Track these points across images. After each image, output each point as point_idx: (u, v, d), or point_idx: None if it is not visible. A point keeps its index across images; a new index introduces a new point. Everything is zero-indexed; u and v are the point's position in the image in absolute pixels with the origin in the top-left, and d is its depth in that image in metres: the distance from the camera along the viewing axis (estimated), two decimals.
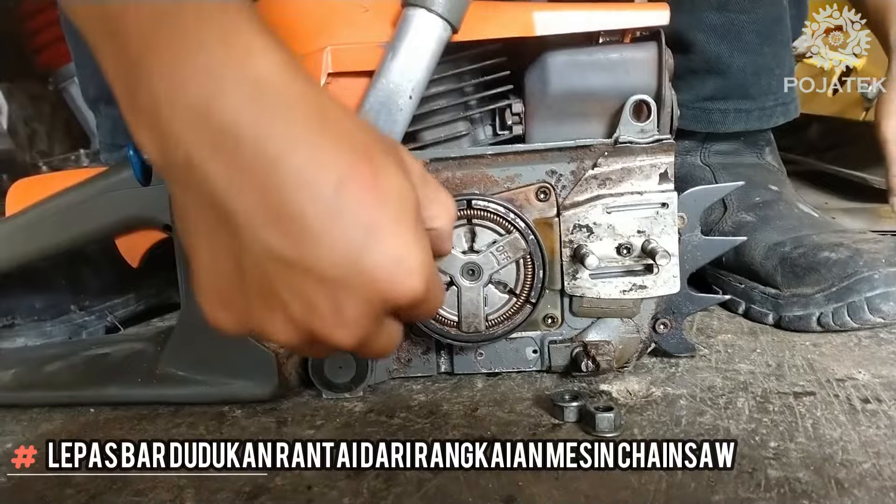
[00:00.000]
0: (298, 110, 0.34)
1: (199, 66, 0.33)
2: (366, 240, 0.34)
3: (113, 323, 0.81)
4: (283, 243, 0.34)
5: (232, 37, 0.34)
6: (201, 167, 0.34)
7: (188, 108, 0.33)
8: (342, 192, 0.34)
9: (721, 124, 0.79)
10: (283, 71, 0.34)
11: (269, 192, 0.33)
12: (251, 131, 0.33)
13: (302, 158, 0.33)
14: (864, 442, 0.45)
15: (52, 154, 2.54)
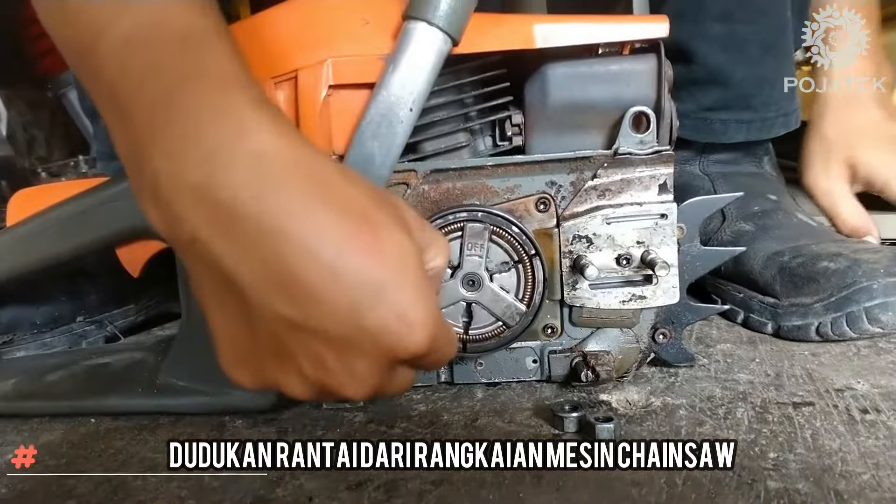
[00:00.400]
0: (295, 181, 0.35)
1: (197, 146, 0.35)
2: (369, 299, 0.35)
3: (113, 332, 0.81)
4: (290, 308, 0.35)
5: (227, 115, 0.35)
6: (206, 244, 0.35)
7: (189, 188, 0.35)
8: (343, 256, 0.35)
9: (722, 134, 0.79)
10: (279, 143, 0.36)
11: (272, 263, 0.35)
12: (251, 208, 0.34)
13: (302, 229, 0.35)
14: (863, 453, 0.46)
15: (51, 160, 2.54)
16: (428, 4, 0.48)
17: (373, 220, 0.36)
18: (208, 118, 0.35)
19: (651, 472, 0.45)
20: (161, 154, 0.36)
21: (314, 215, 0.35)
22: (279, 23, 0.53)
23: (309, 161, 0.36)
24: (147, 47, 0.37)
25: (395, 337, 0.36)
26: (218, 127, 0.35)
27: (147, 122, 0.36)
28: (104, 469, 0.51)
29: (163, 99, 0.36)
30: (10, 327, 0.76)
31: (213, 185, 0.34)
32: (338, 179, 0.37)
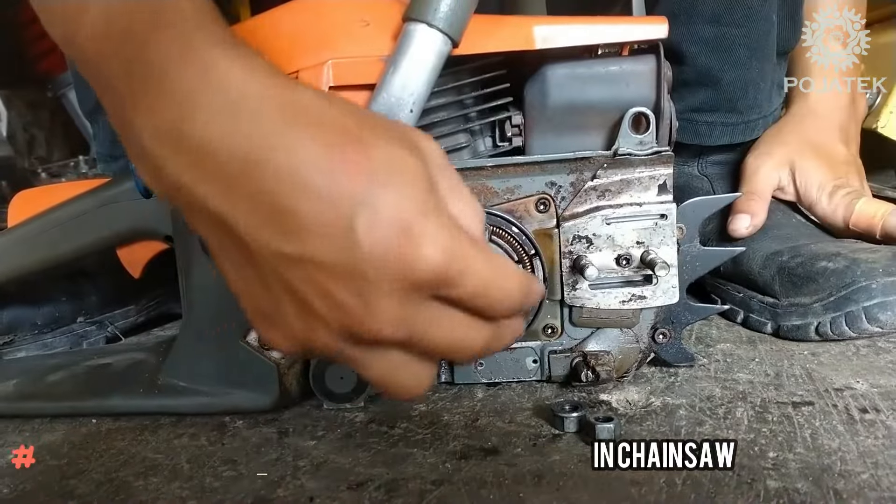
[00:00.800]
0: (266, 109, 0.34)
1: (169, 95, 0.34)
2: (364, 219, 0.33)
3: (114, 333, 0.81)
4: (286, 243, 0.34)
5: (191, 58, 0.35)
6: (192, 190, 0.35)
7: (165, 137, 0.34)
8: (328, 174, 0.33)
9: (707, 137, 0.80)
10: (245, 76, 0.34)
11: (258, 197, 0.33)
12: (224, 143, 0.33)
13: (281, 157, 0.33)
14: (862, 452, 0.46)
15: (51, 160, 2.55)
16: (428, 6, 0.48)
17: (362, 139, 0.34)
18: (175, 66, 0.34)
19: (651, 472, 0.45)
20: (139, 111, 0.35)
21: (291, 139, 0.33)
22: (279, 24, 0.53)
23: (280, 88, 0.35)
24: (118, 16, 0.36)
25: (400, 255, 0.33)
26: (184, 72, 0.34)
27: (126, 85, 0.36)
28: (105, 469, 0.51)
29: (134, 57, 0.35)
30: (11, 328, 0.76)
31: (186, 129, 0.34)
32: (319, 103, 0.35)
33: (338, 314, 0.35)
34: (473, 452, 0.49)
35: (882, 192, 1.16)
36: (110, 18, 0.37)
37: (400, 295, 0.34)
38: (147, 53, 0.35)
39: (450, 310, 0.37)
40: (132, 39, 0.36)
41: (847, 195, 0.74)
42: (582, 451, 0.48)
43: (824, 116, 0.81)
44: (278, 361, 0.56)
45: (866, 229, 0.73)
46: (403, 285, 0.34)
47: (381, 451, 0.50)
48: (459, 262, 0.34)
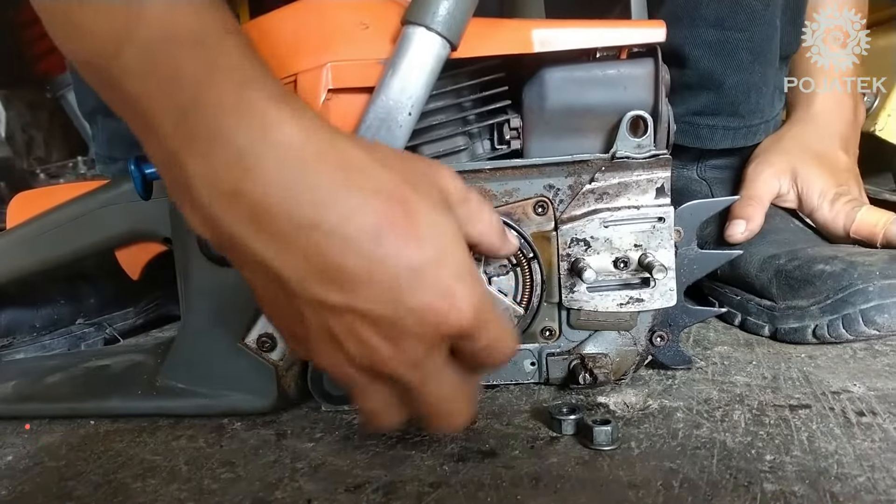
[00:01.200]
0: (321, 171, 0.36)
1: (224, 148, 0.36)
2: (410, 281, 0.36)
3: (112, 334, 0.81)
4: (333, 295, 0.37)
5: (249, 113, 0.36)
6: (246, 243, 0.37)
7: (221, 193, 0.36)
8: (379, 241, 0.36)
9: (709, 140, 0.80)
10: (302, 135, 0.36)
11: (311, 255, 0.36)
12: (283, 204, 0.35)
13: (335, 218, 0.36)
14: (858, 455, 0.46)
15: (50, 161, 2.55)
16: (427, 9, 0.48)
17: (406, 201, 0.37)
18: (232, 119, 0.36)
19: (648, 475, 0.45)
20: (192, 160, 0.36)
21: (345, 204, 0.36)
22: (279, 27, 0.53)
23: (335, 149, 0.37)
24: (164, 56, 0.37)
25: (439, 314, 0.37)
26: (242, 126, 0.36)
27: (174, 129, 0.37)
28: (104, 471, 0.51)
29: (186, 105, 0.36)
30: (10, 330, 0.76)
31: (245, 185, 0.35)
32: (367, 163, 0.37)
33: (367, 354, 0.39)
34: (471, 455, 0.49)
35: (880, 195, 1.16)
36: (156, 57, 0.37)
37: (429, 345, 0.39)
38: (201, 101, 0.36)
39: (454, 364, 0.42)
40: (182, 84, 0.36)
41: (848, 203, 0.75)
42: (579, 454, 0.48)
43: (826, 124, 0.82)
44: (276, 363, 0.56)
45: (867, 238, 0.73)
46: (434, 336, 0.38)
47: (378, 454, 0.50)
48: (482, 318, 0.39)
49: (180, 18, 0.37)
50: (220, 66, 0.37)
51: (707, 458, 0.47)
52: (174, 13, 0.37)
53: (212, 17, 0.38)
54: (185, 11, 0.37)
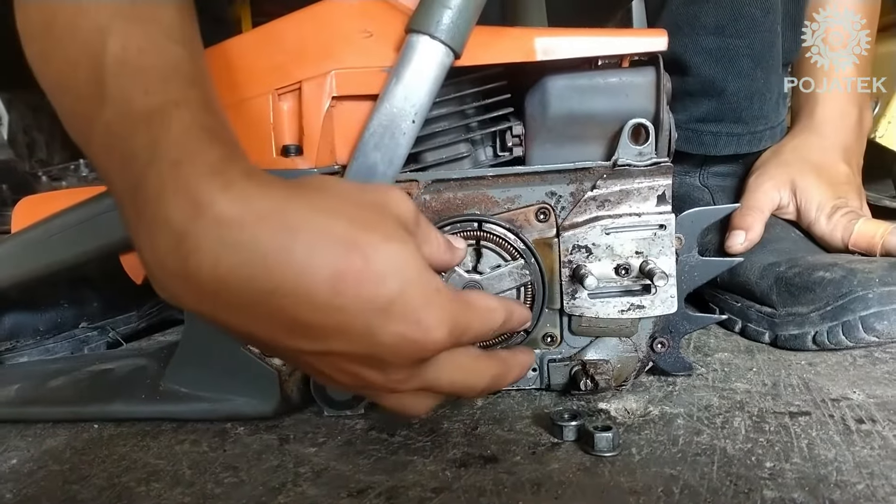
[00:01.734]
0: (263, 238, 0.35)
1: (166, 233, 0.36)
2: (379, 320, 0.37)
3: (115, 338, 0.81)
4: (308, 345, 0.38)
5: (181, 195, 0.36)
6: (212, 317, 0.38)
7: (173, 275, 0.37)
8: (340, 291, 0.36)
9: (712, 147, 0.80)
10: (233, 206, 0.36)
11: (277, 317, 0.37)
12: (233, 279, 0.35)
13: (289, 281, 0.35)
14: (858, 462, 0.46)
15: (52, 163, 2.54)
16: (430, 18, 0.48)
17: (358, 244, 0.36)
18: (170, 201, 0.36)
19: (649, 481, 0.45)
20: (143, 245, 0.37)
21: (296, 264, 0.35)
22: (283, 35, 0.53)
23: (271, 211, 0.36)
24: (120, 137, 0.38)
25: (414, 343, 0.38)
26: (178, 209, 0.36)
27: (130, 209, 0.38)
28: (107, 475, 0.51)
29: (134, 185, 0.37)
30: (13, 333, 0.76)
31: (192, 268, 0.35)
32: (308, 216, 0.36)
33: (359, 382, 0.41)
34: (473, 460, 0.50)
35: (880, 201, 1.16)
36: (113, 138, 0.38)
37: (414, 365, 0.40)
38: (145, 183, 0.37)
39: (454, 353, 0.42)
40: (133, 164, 0.37)
41: (846, 215, 0.75)
42: (581, 460, 0.49)
43: (827, 135, 0.82)
44: (279, 368, 0.57)
45: (866, 249, 0.73)
46: (417, 359, 0.39)
47: (381, 459, 0.51)
48: (462, 327, 0.40)
49: (133, 99, 0.38)
50: (161, 144, 0.37)
51: (707, 464, 0.47)
52: (128, 93, 0.38)
53: (161, 93, 0.39)
54: (137, 90, 0.38)
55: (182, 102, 0.39)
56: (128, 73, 0.38)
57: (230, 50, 0.54)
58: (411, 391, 0.42)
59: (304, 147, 0.53)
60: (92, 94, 0.39)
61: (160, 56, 0.40)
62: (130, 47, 0.39)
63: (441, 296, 0.39)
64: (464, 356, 0.43)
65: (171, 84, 0.39)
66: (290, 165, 0.52)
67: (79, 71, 0.39)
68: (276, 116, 0.53)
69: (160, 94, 0.38)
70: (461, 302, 0.41)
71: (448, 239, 0.46)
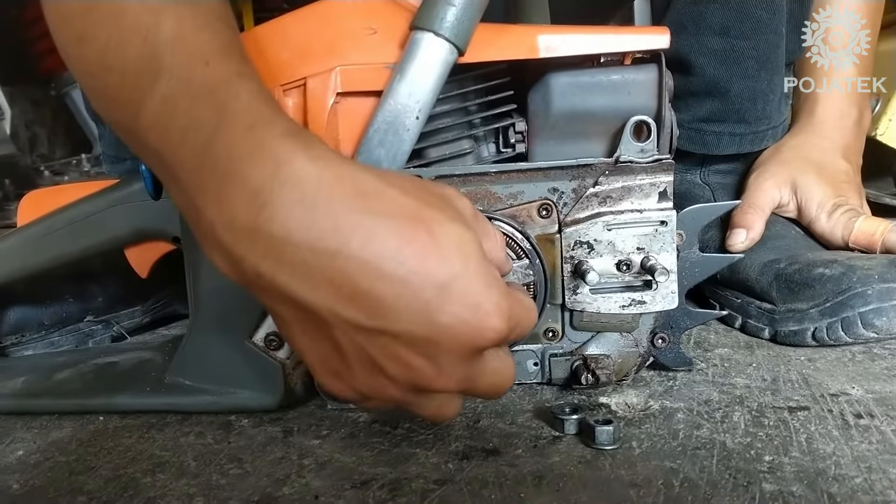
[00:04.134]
0: (337, 199, 0.36)
1: (241, 189, 0.37)
2: (439, 298, 0.36)
3: (119, 332, 0.82)
4: (366, 319, 0.37)
5: (260, 153, 0.37)
6: (272, 278, 0.37)
7: (242, 230, 0.37)
8: (403, 262, 0.36)
9: (715, 146, 0.81)
10: (314, 167, 0.37)
11: (337, 283, 0.36)
12: (302, 235, 0.36)
13: (356, 244, 0.36)
14: (856, 457, 0.47)
15: (53, 158, 2.56)
16: (435, 15, 0.49)
17: (425, 219, 0.37)
18: (245, 160, 0.37)
19: (649, 474, 0.46)
20: (211, 205, 0.38)
21: (365, 229, 0.36)
22: (288, 31, 0.53)
23: (348, 177, 0.37)
24: (180, 109, 0.38)
25: (473, 328, 0.37)
26: (254, 166, 0.37)
27: (192, 176, 0.38)
28: (113, 466, 0.52)
29: (201, 151, 0.38)
30: (19, 327, 0.77)
31: (263, 222, 0.36)
32: (381, 187, 0.37)
33: (410, 374, 0.39)
34: (475, 453, 0.50)
35: (880, 199, 1.16)
36: (173, 110, 0.39)
37: (468, 357, 0.39)
38: (214, 146, 0.37)
39: (500, 351, 0.42)
40: (198, 132, 0.38)
41: (846, 213, 0.75)
42: (582, 453, 0.49)
43: (827, 134, 0.82)
44: (283, 361, 0.57)
45: (866, 247, 0.73)
46: (472, 349, 0.39)
47: (384, 451, 0.51)
48: (515, 320, 0.39)
49: (194, 70, 0.39)
50: (231, 110, 0.38)
51: (707, 458, 0.47)
52: (188, 66, 0.39)
53: (224, 65, 0.39)
54: (197, 63, 0.39)
55: (244, 74, 0.40)
56: (186, 49, 0.39)
57: None
58: (451, 392, 0.42)
59: None
60: (145, 70, 0.39)
61: (215, 34, 0.40)
62: (186, 26, 0.39)
63: (500, 285, 0.39)
64: (505, 356, 0.43)
65: (231, 58, 0.40)
66: None
67: (128, 49, 0.39)
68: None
69: (223, 66, 0.39)
70: (514, 296, 0.40)
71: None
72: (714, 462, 0.47)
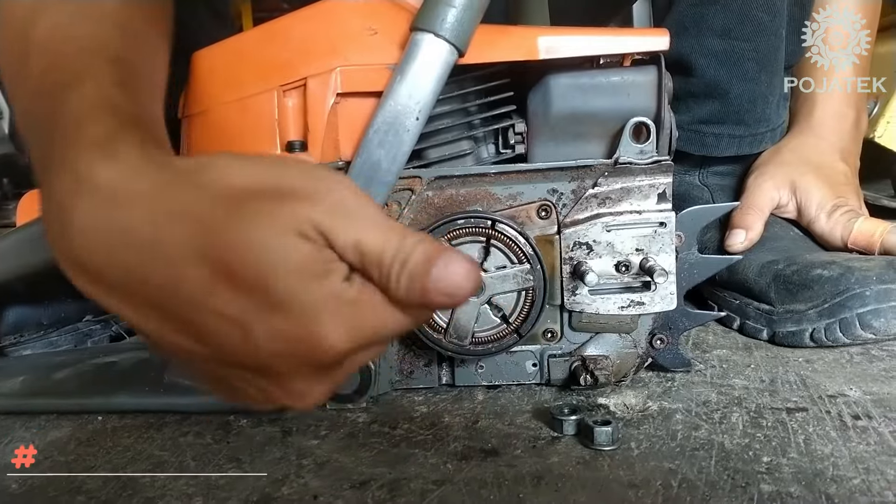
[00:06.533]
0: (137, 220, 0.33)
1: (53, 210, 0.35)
2: (256, 336, 0.32)
3: (118, 331, 0.82)
4: (196, 345, 0.34)
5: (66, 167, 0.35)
6: (94, 297, 0.35)
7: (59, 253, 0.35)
8: (210, 292, 0.32)
9: (714, 148, 0.81)
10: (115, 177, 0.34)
11: (156, 309, 0.33)
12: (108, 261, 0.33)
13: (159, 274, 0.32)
14: (854, 458, 0.47)
15: None
16: (435, 16, 0.49)
17: (227, 227, 0.32)
18: (55, 175, 0.35)
19: (647, 475, 0.46)
20: (44, 215, 0.37)
21: (167, 256, 0.32)
22: (289, 32, 0.54)
23: (153, 189, 0.33)
24: (33, 112, 0.38)
25: (304, 353, 0.33)
26: (60, 182, 0.35)
27: (39, 172, 0.37)
28: (112, 466, 0.52)
29: (41, 159, 0.37)
30: (17, 327, 0.76)
31: (68, 247, 0.34)
32: (192, 201, 0.33)
33: (268, 396, 0.37)
34: (474, 453, 0.50)
35: (878, 201, 1.17)
36: (27, 117, 0.38)
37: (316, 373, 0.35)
38: (49, 159, 0.36)
39: None
40: (41, 141, 0.37)
41: (845, 214, 0.75)
42: (580, 454, 0.49)
43: (826, 136, 0.83)
44: None
45: (865, 247, 0.74)
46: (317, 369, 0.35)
47: (383, 451, 0.51)
48: (367, 332, 0.34)
49: (48, 72, 0.38)
50: (59, 117, 0.36)
51: (705, 458, 0.48)
52: (45, 70, 0.38)
53: (73, 65, 0.38)
54: (52, 68, 0.38)
55: (90, 77, 0.37)
56: (49, 50, 0.38)
57: (236, 47, 0.55)
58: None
59: (308, 143, 0.53)
60: (18, 72, 0.39)
61: (86, 33, 0.39)
62: (60, 24, 0.39)
63: (345, 299, 0.33)
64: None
65: (85, 59, 0.38)
66: None
67: (13, 49, 0.39)
68: (280, 112, 0.53)
69: (70, 68, 0.38)
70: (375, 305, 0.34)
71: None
72: (712, 463, 0.47)
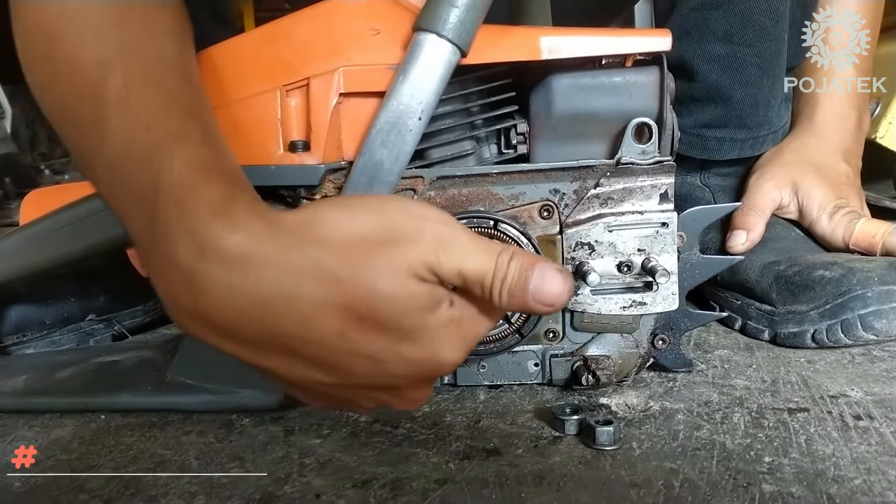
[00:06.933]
0: (269, 282, 0.36)
1: (175, 273, 0.37)
2: (389, 366, 0.38)
3: (120, 331, 0.82)
4: (326, 377, 0.39)
5: (187, 236, 0.37)
6: (232, 352, 0.39)
7: (183, 312, 0.38)
8: (345, 337, 0.37)
9: (716, 152, 0.81)
10: (242, 246, 0.36)
11: (286, 354, 0.38)
12: (240, 320, 0.37)
13: (294, 327, 0.36)
14: (855, 458, 0.47)
15: (54, 157, 2.56)
16: (438, 17, 0.49)
17: (359, 280, 0.36)
18: (178, 242, 0.37)
19: (649, 475, 0.46)
20: (158, 282, 0.39)
21: (302, 310, 0.36)
22: (292, 32, 0.54)
23: (279, 253, 0.36)
24: (125, 173, 0.39)
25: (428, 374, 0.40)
26: (185, 250, 0.36)
27: (145, 245, 0.39)
28: (115, 465, 0.52)
29: (147, 225, 0.38)
30: (21, 326, 0.77)
31: (200, 307, 0.37)
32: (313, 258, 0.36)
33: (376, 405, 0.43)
34: (476, 453, 0.50)
35: (880, 202, 1.17)
36: (118, 174, 0.39)
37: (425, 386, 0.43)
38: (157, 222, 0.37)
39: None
40: (142, 201, 0.38)
41: (847, 215, 0.75)
42: (582, 454, 0.49)
43: (827, 137, 0.82)
44: None
45: (867, 249, 0.74)
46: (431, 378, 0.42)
47: (385, 451, 0.51)
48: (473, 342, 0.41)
49: (136, 136, 0.39)
50: (165, 182, 0.38)
51: (707, 459, 0.48)
52: (130, 131, 0.39)
53: (163, 128, 0.39)
54: (139, 127, 0.39)
55: (183, 136, 0.39)
56: (130, 110, 0.39)
57: (238, 47, 0.55)
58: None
59: (311, 143, 0.53)
60: (94, 131, 0.39)
61: (161, 89, 0.40)
62: (133, 83, 0.39)
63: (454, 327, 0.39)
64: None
65: (171, 118, 0.40)
66: (297, 161, 0.53)
67: (81, 106, 0.40)
68: (283, 112, 0.53)
69: (161, 129, 0.39)
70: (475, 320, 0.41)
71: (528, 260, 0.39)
72: (714, 463, 0.47)
